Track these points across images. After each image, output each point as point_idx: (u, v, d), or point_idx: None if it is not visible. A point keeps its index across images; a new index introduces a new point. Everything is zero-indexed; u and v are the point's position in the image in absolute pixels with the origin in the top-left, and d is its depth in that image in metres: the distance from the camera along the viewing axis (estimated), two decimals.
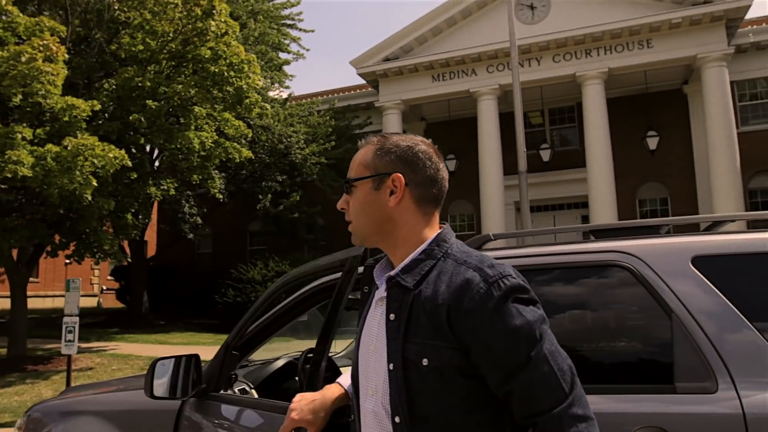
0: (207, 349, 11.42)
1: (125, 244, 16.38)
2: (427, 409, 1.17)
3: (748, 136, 17.31)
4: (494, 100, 18.42)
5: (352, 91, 22.19)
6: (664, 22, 16.63)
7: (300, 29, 17.76)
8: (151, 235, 22.49)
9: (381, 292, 1.33)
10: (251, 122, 14.60)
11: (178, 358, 2.35)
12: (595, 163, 16.86)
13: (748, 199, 17.41)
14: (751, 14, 16.90)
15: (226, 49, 10.76)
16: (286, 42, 17.55)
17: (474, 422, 1.17)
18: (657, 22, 16.66)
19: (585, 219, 18.70)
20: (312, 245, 18.21)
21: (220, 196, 13.79)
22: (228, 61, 10.76)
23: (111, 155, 9.12)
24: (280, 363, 2.91)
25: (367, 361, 1.32)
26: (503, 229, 17.63)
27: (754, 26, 17.95)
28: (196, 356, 2.37)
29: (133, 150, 12.11)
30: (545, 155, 18.81)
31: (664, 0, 16.99)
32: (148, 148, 13.85)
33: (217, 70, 10.48)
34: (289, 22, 17.59)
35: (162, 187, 12.39)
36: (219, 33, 10.52)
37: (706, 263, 1.89)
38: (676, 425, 1.68)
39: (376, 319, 1.32)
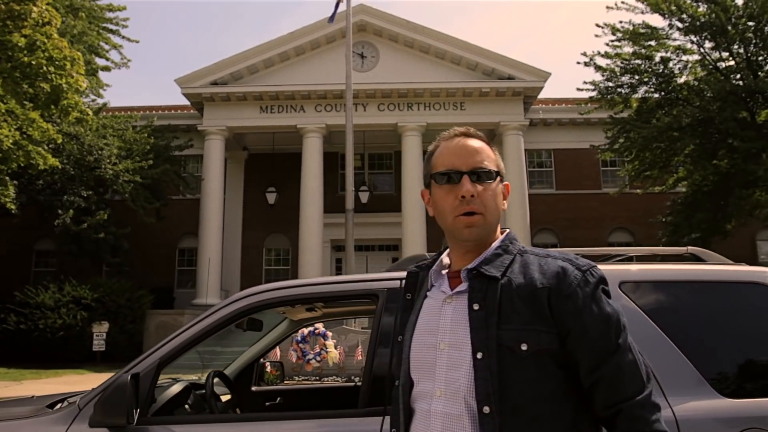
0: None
1: None
2: (519, 399, 1.19)
3: (533, 198, 19.90)
4: (320, 138, 18.88)
5: (174, 111, 21.10)
6: (475, 89, 18.67)
7: (124, 37, 16.51)
8: None
9: (446, 290, 1.35)
10: (59, 127, 13.04)
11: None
12: (410, 208, 18.04)
13: None
14: (542, 94, 19.76)
15: (46, 40, 9.59)
16: (107, 48, 16.15)
17: (559, 413, 1.21)
18: (470, 89, 18.66)
19: (395, 260, 19.74)
20: (115, 270, 16.60)
21: (13, 207, 11.96)
22: (47, 54, 9.58)
23: None
24: (177, 387, 2.66)
25: (429, 362, 1.30)
26: (319, 268, 17.88)
27: (543, 105, 20.98)
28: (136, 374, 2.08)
29: None
30: (363, 197, 19.60)
31: (476, 70, 19.11)
32: None
33: (34, 62, 9.26)
34: (112, 27, 16.25)
35: None
36: (40, 21, 9.36)
37: (630, 287, 2.21)
38: None
39: (447, 315, 1.31)
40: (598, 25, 15.54)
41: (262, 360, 3.78)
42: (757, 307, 2.23)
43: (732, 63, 14.85)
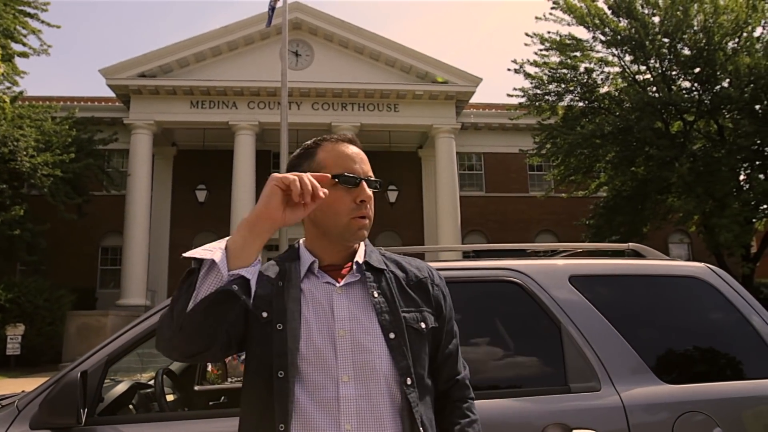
0: None
1: None
2: (420, 371, 1.37)
3: (463, 200, 20.34)
4: (252, 135, 18.55)
5: (98, 103, 20.14)
6: (409, 91, 18.90)
7: (43, 21, 15.57)
8: None
9: (331, 281, 1.40)
10: None
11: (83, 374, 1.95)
12: None
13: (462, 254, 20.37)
14: (473, 99, 20.23)
15: None
16: (24, 32, 15.19)
17: (430, 384, 1.42)
18: (404, 91, 18.86)
19: None
20: (31, 269, 15.64)
21: None
22: None
23: None
24: (122, 386, 2.57)
25: (325, 351, 1.33)
26: None
27: (474, 110, 21.50)
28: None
29: None
30: None
31: (410, 73, 19.35)
32: None
33: None
34: (30, 10, 15.29)
35: None
36: None
37: (579, 281, 2.33)
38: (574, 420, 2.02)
39: (342, 304, 1.37)
40: (527, 35, 16.12)
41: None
42: (694, 299, 2.40)
43: (649, 76, 15.77)
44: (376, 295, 1.38)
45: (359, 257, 1.44)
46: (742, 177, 15.41)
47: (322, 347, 1.33)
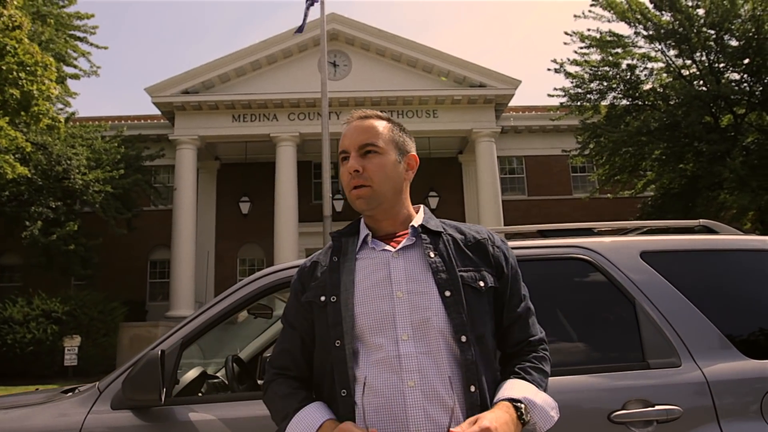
0: None
1: None
2: (481, 329, 1.39)
3: (506, 204, 20.11)
4: (293, 147, 18.78)
5: (143, 120, 20.76)
6: (447, 97, 18.86)
7: (92, 44, 16.18)
8: None
9: (387, 248, 1.46)
10: (27, 136, 12.68)
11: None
12: None
13: None
14: (512, 102, 20.06)
15: (16, 44, 9.33)
16: (74, 55, 15.81)
17: (493, 345, 1.45)
18: (442, 96, 18.83)
19: None
20: (85, 282, 16.16)
21: None
22: (18, 59, 9.33)
23: None
24: (194, 372, 2.61)
25: (385, 312, 1.37)
26: None
27: (514, 113, 21.31)
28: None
29: None
30: (338, 206, 19.53)
31: (448, 78, 19.31)
32: None
33: (5, 67, 8.99)
34: (80, 34, 15.93)
35: None
36: (10, 25, 9.10)
37: (652, 257, 2.26)
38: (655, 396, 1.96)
39: (398, 268, 1.42)
40: (566, 33, 15.89)
41: (265, 355, 3.73)
42: None
43: (695, 70, 15.34)
44: (432, 255, 1.43)
45: (416, 222, 1.50)
46: None
47: (380, 311, 1.38)
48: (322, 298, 1.43)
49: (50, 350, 13.46)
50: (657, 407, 1.93)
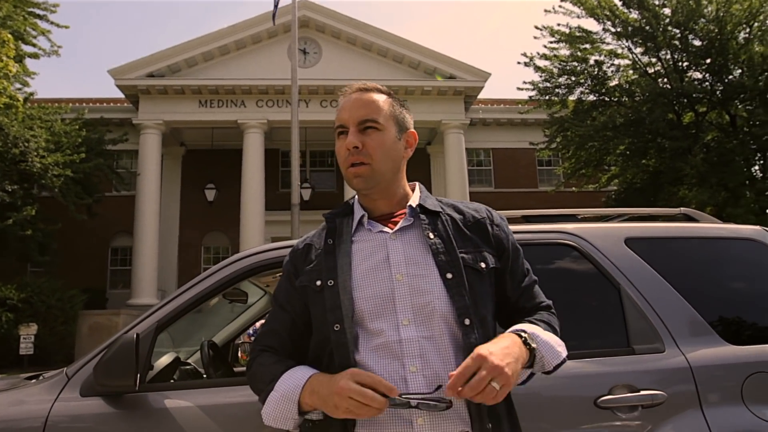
0: None
1: None
2: (483, 311, 1.35)
3: (473, 196, 20.25)
4: (261, 134, 18.52)
5: (106, 104, 20.16)
6: (417, 87, 18.84)
7: (52, 22, 15.59)
8: None
9: (384, 229, 1.41)
10: None
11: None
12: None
13: None
14: (481, 95, 20.14)
15: None
16: (34, 34, 15.20)
17: (493, 326, 1.41)
18: (412, 87, 18.81)
19: None
20: (43, 269, 15.63)
21: None
22: None
23: None
24: (167, 358, 2.52)
25: (384, 296, 1.33)
26: None
27: (482, 105, 21.42)
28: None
29: None
30: (306, 194, 19.35)
31: (418, 69, 19.29)
32: None
33: None
34: (39, 12, 15.31)
35: None
36: None
37: (636, 243, 2.26)
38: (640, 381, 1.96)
39: (397, 250, 1.37)
40: (537, 27, 16.02)
41: (237, 341, 3.66)
42: (752, 261, 2.33)
43: (660, 68, 15.66)
44: (431, 236, 1.39)
45: (413, 202, 1.45)
46: (755, 167, 15.28)
47: (379, 294, 1.33)
48: (318, 283, 1.37)
49: (5, 339, 12.99)
50: (642, 392, 1.94)
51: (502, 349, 1.22)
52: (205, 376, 2.66)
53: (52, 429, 1.92)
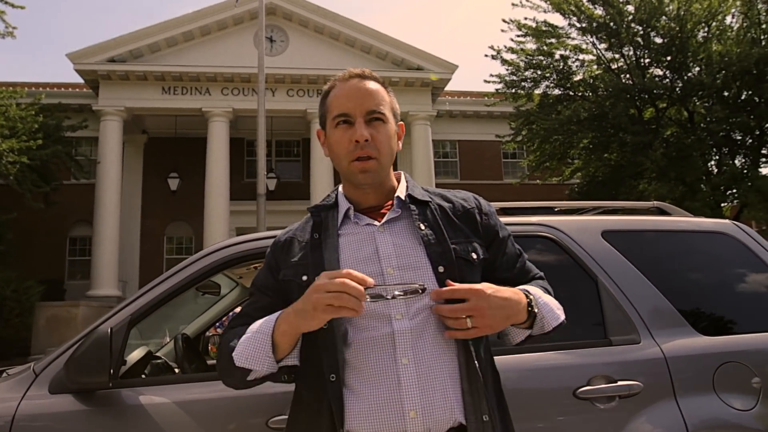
0: None
1: None
2: None
3: (439, 187, 20.24)
4: (226, 122, 18.23)
5: (65, 89, 19.51)
6: (385, 78, 18.42)
7: (6, 2, 14.93)
8: None
9: (372, 222, 1.37)
10: None
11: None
12: (319, 196, 17.75)
13: None
14: (448, 87, 20.22)
15: None
16: None
17: None
18: (380, 78, 18.69)
19: None
20: None
21: None
22: None
23: None
24: (139, 352, 2.45)
25: None
26: None
27: (449, 97, 21.51)
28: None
29: None
30: (271, 184, 19.13)
31: (386, 59, 19.24)
32: None
33: None
34: None
35: None
36: None
37: (612, 236, 2.30)
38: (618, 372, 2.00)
39: (386, 242, 1.33)
40: (504, 21, 16.13)
41: (208, 334, 3.59)
42: (723, 254, 2.40)
43: (623, 64, 15.96)
44: (422, 227, 1.35)
45: (401, 192, 1.41)
46: (711, 162, 15.76)
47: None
48: (305, 278, 1.31)
49: None
50: (619, 383, 1.98)
51: (501, 300, 1.24)
52: (177, 370, 2.60)
53: (19, 429, 1.84)
